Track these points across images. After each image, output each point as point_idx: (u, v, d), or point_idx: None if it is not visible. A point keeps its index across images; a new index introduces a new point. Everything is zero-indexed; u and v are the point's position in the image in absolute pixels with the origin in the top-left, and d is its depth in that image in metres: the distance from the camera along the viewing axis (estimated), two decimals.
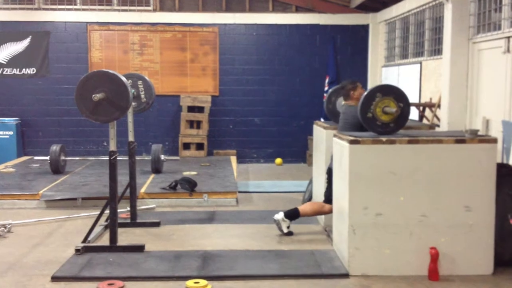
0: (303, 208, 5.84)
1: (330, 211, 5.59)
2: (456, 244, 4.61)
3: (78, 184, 7.72)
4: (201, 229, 6.09)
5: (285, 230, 5.77)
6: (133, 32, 10.76)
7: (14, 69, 10.67)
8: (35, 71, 10.71)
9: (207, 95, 10.87)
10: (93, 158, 9.90)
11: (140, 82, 6.31)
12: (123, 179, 6.80)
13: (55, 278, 4.55)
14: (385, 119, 4.90)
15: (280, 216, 5.80)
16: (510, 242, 4.74)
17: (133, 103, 6.16)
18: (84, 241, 5.30)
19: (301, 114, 10.98)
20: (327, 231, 5.84)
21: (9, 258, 5.07)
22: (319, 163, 6.36)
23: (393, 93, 4.93)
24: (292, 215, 5.81)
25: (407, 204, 4.60)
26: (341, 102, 6.14)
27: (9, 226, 5.94)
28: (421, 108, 8.22)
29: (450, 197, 4.60)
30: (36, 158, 9.44)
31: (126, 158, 6.33)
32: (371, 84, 10.98)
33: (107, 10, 10.73)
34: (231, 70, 10.97)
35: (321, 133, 6.23)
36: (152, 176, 8.39)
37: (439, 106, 7.60)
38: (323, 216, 6.07)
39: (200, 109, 10.79)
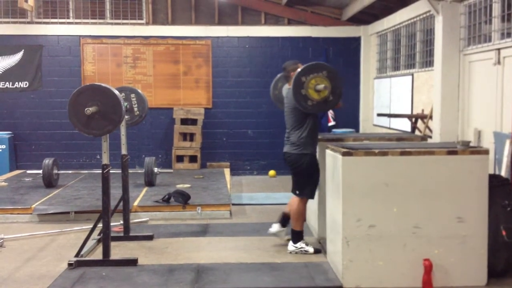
0: (293, 223, 5.70)
1: (302, 205, 5.56)
2: (449, 255, 4.62)
3: (71, 198, 7.69)
4: (194, 242, 6.07)
5: (311, 250, 5.56)
6: (126, 45, 10.79)
7: (7, 83, 10.65)
8: (27, 84, 10.70)
9: (200, 107, 10.89)
10: (86, 171, 9.87)
11: (133, 95, 6.33)
12: (116, 192, 6.79)
13: None
14: (312, 93, 5.14)
15: (276, 228, 5.79)
16: (503, 253, 4.75)
17: (126, 116, 6.17)
18: (77, 255, 5.27)
19: None
20: (321, 243, 5.83)
21: (1, 273, 5.03)
22: None
23: (334, 80, 5.18)
24: (285, 220, 5.81)
25: (400, 216, 4.61)
26: (286, 87, 5.96)
27: (1, 240, 5.90)
28: (413, 119, 8.26)
29: (443, 208, 4.62)
30: (28, 171, 9.41)
31: (119, 171, 6.32)
32: (363, 95, 11.04)
33: (100, 23, 10.76)
34: (224, 83, 11.00)
35: None
36: (145, 189, 8.37)
37: (431, 117, 7.65)
38: (316, 228, 6.07)
39: (193, 122, 10.80)
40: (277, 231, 5.86)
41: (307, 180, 5.54)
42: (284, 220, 5.86)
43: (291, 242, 5.62)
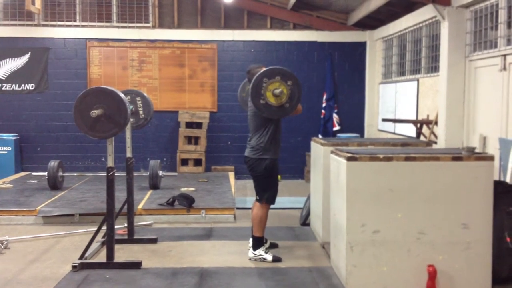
0: (254, 229, 5.58)
1: (263, 211, 5.48)
2: (453, 261, 4.61)
3: (76, 200, 7.71)
4: (198, 245, 6.08)
5: (269, 258, 5.46)
6: (132, 48, 10.83)
7: (13, 85, 10.70)
8: (34, 87, 10.75)
9: (205, 111, 10.91)
10: (91, 174, 9.89)
11: (138, 98, 6.35)
12: (120, 195, 6.80)
13: None
14: (270, 98, 5.21)
15: (252, 254, 5.54)
16: (507, 259, 4.73)
17: (131, 119, 6.19)
18: (81, 257, 5.28)
19: (299, 130, 11.00)
20: (325, 248, 5.83)
21: (5, 275, 5.05)
22: (317, 180, 6.36)
23: (292, 85, 5.24)
24: (255, 242, 5.55)
25: (404, 221, 4.60)
26: None
27: (6, 242, 5.92)
28: (418, 125, 8.25)
29: (448, 214, 4.60)
30: (34, 173, 9.44)
31: (124, 174, 6.33)
32: (368, 100, 11.03)
33: (106, 26, 10.80)
34: (229, 86, 11.01)
35: (318, 150, 6.24)
36: (149, 192, 8.38)
37: (436, 123, 7.63)
38: (320, 233, 6.06)
39: (198, 125, 10.81)
40: (257, 256, 5.57)
41: (265, 186, 5.51)
42: (255, 241, 5.59)
43: (251, 249, 5.54)
